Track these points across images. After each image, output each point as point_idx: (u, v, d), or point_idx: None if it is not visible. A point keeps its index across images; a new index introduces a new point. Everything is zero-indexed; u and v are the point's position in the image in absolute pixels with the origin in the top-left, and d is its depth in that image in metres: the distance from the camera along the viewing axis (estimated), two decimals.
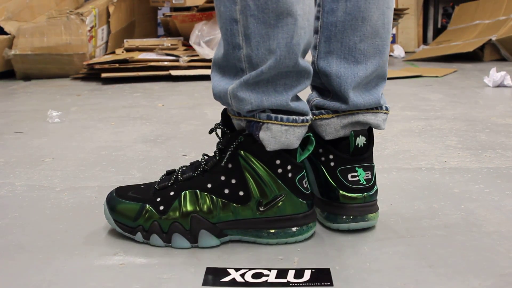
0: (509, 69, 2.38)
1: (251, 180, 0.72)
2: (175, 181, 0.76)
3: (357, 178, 0.76)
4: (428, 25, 4.36)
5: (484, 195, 0.91)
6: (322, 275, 0.65)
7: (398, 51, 3.72)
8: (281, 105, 0.70)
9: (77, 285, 0.64)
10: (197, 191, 0.74)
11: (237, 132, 0.73)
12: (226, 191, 0.73)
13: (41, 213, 0.88)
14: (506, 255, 0.69)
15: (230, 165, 0.72)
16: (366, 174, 0.77)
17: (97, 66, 2.64)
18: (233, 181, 0.73)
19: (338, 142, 0.78)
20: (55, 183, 1.03)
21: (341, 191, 0.76)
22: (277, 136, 0.71)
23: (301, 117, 0.72)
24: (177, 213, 0.73)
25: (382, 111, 0.79)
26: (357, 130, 0.76)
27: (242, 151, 0.72)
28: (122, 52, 2.87)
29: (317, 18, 0.77)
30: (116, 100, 2.08)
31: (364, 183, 0.77)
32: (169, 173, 0.79)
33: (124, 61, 2.64)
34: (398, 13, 3.41)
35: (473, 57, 3.20)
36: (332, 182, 0.77)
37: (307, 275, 0.65)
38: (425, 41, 4.30)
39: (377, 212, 0.78)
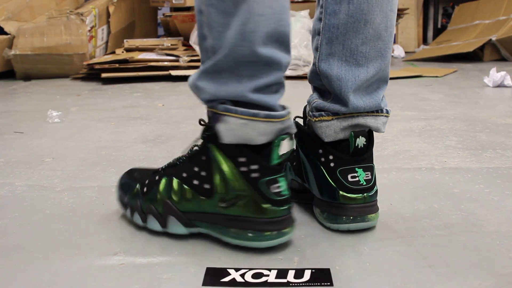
0: (509, 69, 2.38)
1: (217, 175, 0.71)
2: (164, 167, 0.79)
3: (357, 179, 0.76)
4: (428, 25, 4.36)
5: (484, 195, 0.91)
6: (322, 275, 0.65)
7: (398, 51, 3.72)
8: (237, 95, 0.68)
9: (77, 285, 0.64)
10: (173, 178, 0.75)
11: (207, 124, 0.72)
12: (196, 182, 0.73)
13: (41, 213, 0.88)
14: (506, 255, 0.69)
15: (203, 157, 0.72)
16: (366, 174, 0.77)
17: (97, 66, 2.64)
18: (203, 173, 0.72)
19: (338, 143, 0.78)
20: (55, 183, 1.03)
21: (341, 192, 0.76)
22: (234, 129, 0.68)
23: (264, 112, 0.68)
24: (154, 197, 0.77)
25: (382, 114, 0.79)
26: (357, 131, 0.77)
27: (209, 144, 0.71)
28: (122, 52, 2.87)
29: (319, 19, 0.76)
30: (116, 100, 2.08)
31: (364, 183, 0.77)
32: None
33: (124, 61, 2.65)
34: (398, 13, 3.41)
35: (473, 57, 3.20)
36: (332, 183, 0.77)
37: (307, 275, 0.65)
38: (425, 41, 4.30)
39: (377, 213, 0.78)
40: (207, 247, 0.73)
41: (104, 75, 2.58)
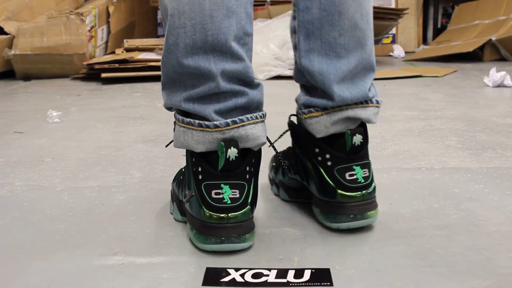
0: (509, 69, 2.37)
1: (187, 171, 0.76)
2: None
3: (355, 177, 0.76)
4: (428, 25, 4.36)
5: (484, 195, 0.91)
6: (322, 275, 0.65)
7: (398, 51, 3.72)
8: (175, 105, 0.73)
9: (77, 285, 0.64)
10: (183, 169, 0.84)
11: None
12: (181, 177, 0.82)
13: (41, 213, 0.88)
14: (506, 255, 0.69)
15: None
16: (363, 171, 0.76)
17: (97, 66, 2.64)
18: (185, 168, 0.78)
19: (334, 141, 0.77)
20: (55, 183, 1.03)
21: (339, 191, 0.76)
22: (178, 135, 0.74)
23: (198, 121, 0.70)
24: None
25: (372, 104, 0.78)
26: (353, 129, 0.76)
27: None
28: (122, 52, 2.87)
29: (293, 17, 0.77)
30: (116, 100, 2.08)
31: (362, 181, 0.76)
32: None
33: (124, 61, 2.64)
34: (398, 13, 3.41)
35: (473, 57, 3.20)
36: (330, 182, 0.76)
37: (307, 275, 0.65)
38: (425, 41, 4.30)
39: (376, 209, 0.78)
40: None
41: (104, 75, 2.58)
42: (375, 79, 0.82)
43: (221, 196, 0.70)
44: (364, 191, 0.76)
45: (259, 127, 0.73)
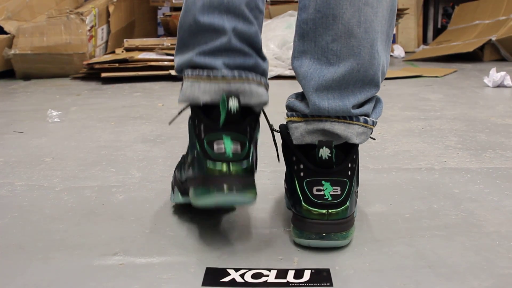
0: (509, 69, 2.37)
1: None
2: None
3: (322, 193, 0.70)
4: (428, 25, 4.36)
5: (484, 196, 0.91)
6: (322, 275, 0.65)
7: (398, 51, 3.72)
8: (187, 61, 0.74)
9: (77, 285, 0.64)
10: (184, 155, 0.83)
11: None
12: (182, 160, 0.83)
13: (41, 213, 0.88)
14: (505, 255, 0.69)
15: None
16: (334, 189, 0.70)
17: (97, 66, 2.64)
18: None
19: (309, 151, 0.73)
20: (54, 183, 1.03)
21: (304, 204, 0.71)
22: (184, 90, 0.73)
23: (207, 72, 0.71)
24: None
25: (357, 123, 0.72)
26: (322, 140, 0.71)
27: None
28: (122, 51, 2.87)
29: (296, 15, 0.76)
30: (116, 99, 2.08)
31: (330, 198, 0.70)
32: None
33: (124, 60, 2.64)
34: (398, 13, 3.41)
35: (473, 57, 3.20)
36: (299, 193, 0.72)
37: (307, 275, 0.65)
38: (425, 41, 4.30)
39: (348, 232, 0.71)
40: (207, 247, 0.73)
41: (104, 74, 2.58)
42: None
43: (222, 146, 0.69)
44: (330, 210, 0.70)
45: (263, 89, 0.74)
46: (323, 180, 0.71)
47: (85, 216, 0.86)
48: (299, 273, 0.65)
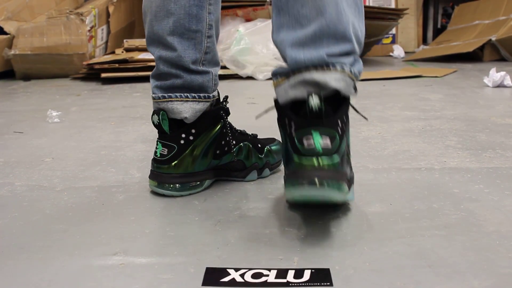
0: (509, 69, 2.38)
1: None
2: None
3: (311, 142, 0.71)
4: (428, 25, 4.36)
5: (484, 195, 0.91)
6: (322, 275, 0.65)
7: (398, 51, 3.72)
8: None
9: (77, 285, 0.64)
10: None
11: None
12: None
13: (41, 213, 0.88)
14: (505, 255, 0.69)
15: None
16: (323, 139, 0.72)
17: (96, 66, 2.64)
18: None
19: (299, 110, 0.76)
20: (54, 183, 1.03)
21: (295, 157, 0.72)
22: None
23: (151, 93, 0.96)
24: None
25: (333, 69, 0.75)
26: (310, 91, 0.74)
27: None
28: (122, 52, 2.87)
29: None
30: (116, 100, 2.08)
31: (319, 149, 0.71)
32: None
33: (124, 61, 2.65)
34: (398, 13, 3.41)
35: (473, 57, 3.20)
36: (291, 149, 0.75)
37: (307, 275, 0.65)
38: (425, 41, 4.30)
39: (340, 183, 0.70)
40: (207, 247, 0.73)
41: (103, 75, 2.58)
42: (375, 79, 0.82)
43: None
44: (321, 158, 0.70)
45: (187, 104, 0.91)
46: (312, 129, 0.72)
47: (85, 216, 0.86)
48: (299, 273, 0.65)
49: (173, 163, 0.92)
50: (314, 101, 0.72)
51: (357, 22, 0.79)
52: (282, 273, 0.65)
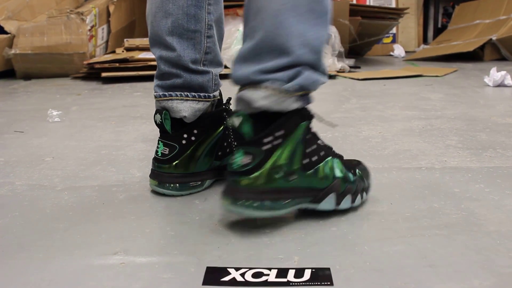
0: (510, 69, 2.38)
1: None
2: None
3: (233, 159, 0.75)
4: (429, 24, 4.37)
5: (485, 195, 0.91)
6: (322, 274, 0.65)
7: (399, 50, 3.72)
8: None
9: (77, 285, 0.64)
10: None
11: None
12: None
13: (41, 212, 0.88)
14: (506, 254, 0.69)
15: None
16: (244, 158, 0.74)
17: (97, 66, 2.64)
18: None
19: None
20: (55, 182, 1.03)
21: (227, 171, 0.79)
22: None
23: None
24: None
25: (261, 87, 0.75)
26: (241, 108, 0.77)
27: None
28: (122, 51, 2.87)
29: None
30: (116, 99, 2.08)
31: (235, 166, 0.75)
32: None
33: (124, 60, 2.65)
34: (399, 13, 3.41)
35: (473, 56, 3.20)
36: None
37: (307, 274, 0.65)
38: (425, 40, 4.30)
39: (257, 202, 0.74)
40: (207, 247, 0.73)
41: (104, 74, 2.58)
42: (376, 78, 0.82)
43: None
44: (240, 177, 0.74)
45: (187, 103, 0.91)
46: (239, 147, 0.75)
47: (85, 215, 0.86)
48: (299, 272, 0.65)
49: (174, 163, 0.92)
50: (233, 121, 0.75)
51: (311, 30, 0.76)
52: (282, 272, 0.65)
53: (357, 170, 0.86)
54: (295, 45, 0.75)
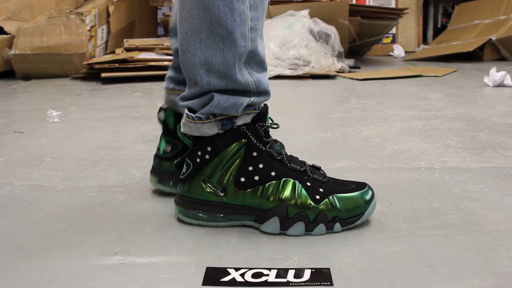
0: (509, 69, 2.38)
1: None
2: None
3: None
4: (428, 24, 4.37)
5: (484, 195, 0.91)
6: (322, 274, 0.65)
7: (398, 50, 3.72)
8: None
9: (77, 285, 0.64)
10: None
11: None
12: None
13: (41, 212, 0.88)
14: (506, 254, 0.69)
15: None
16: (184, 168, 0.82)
17: (97, 66, 2.64)
18: None
19: None
20: (55, 183, 1.03)
21: None
22: None
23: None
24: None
25: (184, 115, 0.80)
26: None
27: None
28: (122, 51, 2.87)
29: None
30: (116, 99, 2.08)
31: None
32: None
33: (124, 60, 2.64)
34: (398, 13, 3.41)
35: (473, 56, 3.20)
36: None
37: (307, 274, 0.65)
38: (425, 40, 4.30)
39: (182, 209, 0.81)
40: (207, 247, 0.73)
41: (104, 74, 2.58)
42: (376, 78, 0.81)
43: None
44: (179, 185, 0.82)
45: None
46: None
47: (85, 216, 0.86)
48: (299, 273, 0.65)
49: (175, 161, 0.92)
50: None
51: (216, 54, 0.74)
52: (282, 272, 0.65)
53: (332, 198, 0.76)
54: (201, 73, 0.75)
